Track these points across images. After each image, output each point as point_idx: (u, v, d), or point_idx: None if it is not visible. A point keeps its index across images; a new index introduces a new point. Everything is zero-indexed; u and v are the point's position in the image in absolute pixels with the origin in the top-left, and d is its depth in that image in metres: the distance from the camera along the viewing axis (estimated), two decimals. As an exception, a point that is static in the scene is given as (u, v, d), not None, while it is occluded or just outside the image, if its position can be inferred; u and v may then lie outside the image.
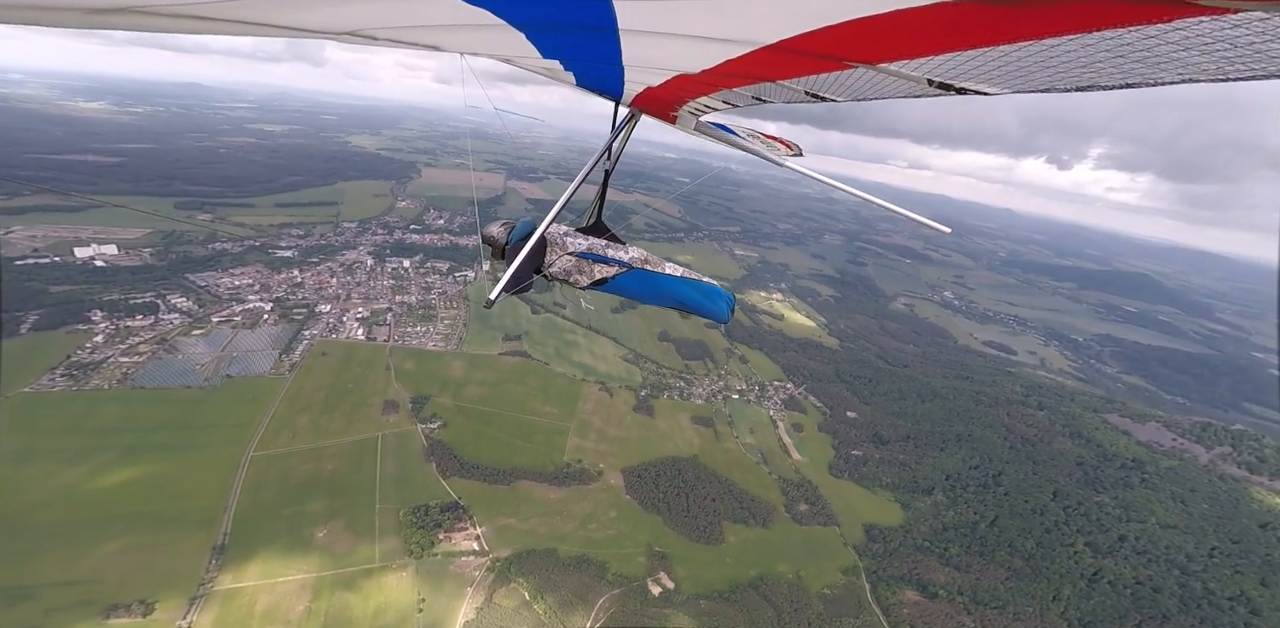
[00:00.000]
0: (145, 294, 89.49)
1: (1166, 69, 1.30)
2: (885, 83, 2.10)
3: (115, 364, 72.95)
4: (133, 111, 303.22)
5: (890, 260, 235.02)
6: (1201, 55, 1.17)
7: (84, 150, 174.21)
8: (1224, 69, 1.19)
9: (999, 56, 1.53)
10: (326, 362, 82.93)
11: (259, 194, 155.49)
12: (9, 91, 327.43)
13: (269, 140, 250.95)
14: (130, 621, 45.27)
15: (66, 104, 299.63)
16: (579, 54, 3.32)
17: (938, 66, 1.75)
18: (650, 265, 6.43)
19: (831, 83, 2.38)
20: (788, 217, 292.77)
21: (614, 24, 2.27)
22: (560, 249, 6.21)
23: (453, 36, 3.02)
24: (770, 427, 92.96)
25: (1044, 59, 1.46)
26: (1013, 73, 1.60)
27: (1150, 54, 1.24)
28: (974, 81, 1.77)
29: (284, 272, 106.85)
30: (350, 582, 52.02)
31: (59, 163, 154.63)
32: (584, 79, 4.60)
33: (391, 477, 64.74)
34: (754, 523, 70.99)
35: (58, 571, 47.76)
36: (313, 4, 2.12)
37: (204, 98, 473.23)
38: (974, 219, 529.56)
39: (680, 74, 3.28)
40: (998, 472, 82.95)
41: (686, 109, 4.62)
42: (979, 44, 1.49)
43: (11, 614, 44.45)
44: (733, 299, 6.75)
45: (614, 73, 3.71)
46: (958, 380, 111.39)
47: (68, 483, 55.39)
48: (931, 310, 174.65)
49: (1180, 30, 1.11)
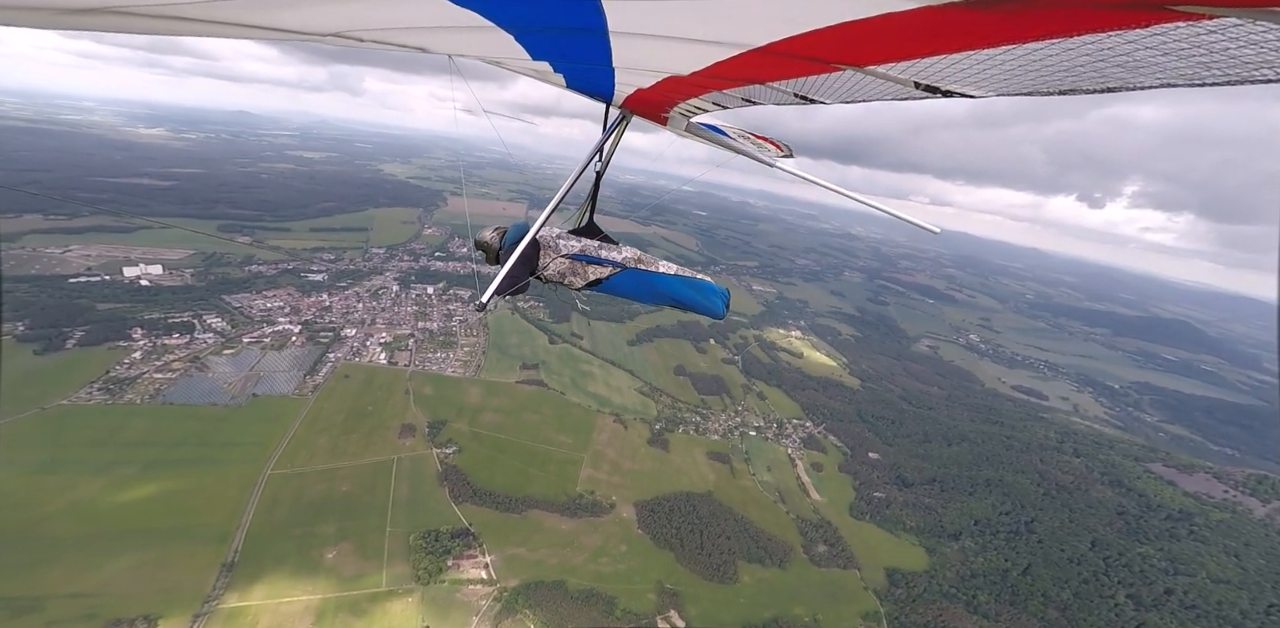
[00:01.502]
0: (183, 313, 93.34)
1: (1145, 74, 1.33)
2: (873, 85, 2.18)
3: (149, 380, 75.56)
4: (186, 138, 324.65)
5: (913, 300, 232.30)
6: (1179, 60, 1.20)
7: (140, 174, 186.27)
8: (1200, 74, 1.22)
9: (984, 60, 1.57)
10: (348, 384, 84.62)
11: (295, 218, 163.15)
12: (80, 118, 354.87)
13: (307, 167, 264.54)
14: None
15: (129, 130, 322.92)
16: (569, 56, 3.33)
17: (924, 69, 1.82)
18: (644, 264, 6.39)
19: (820, 85, 2.46)
20: (806, 252, 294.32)
21: (604, 26, 2.29)
22: (554, 252, 6.19)
23: (440, 38, 3.02)
24: (788, 465, 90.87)
25: (1027, 63, 1.49)
26: (997, 76, 1.65)
27: (1130, 59, 1.27)
28: (959, 84, 1.84)
29: (314, 295, 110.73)
30: (355, 606, 51.21)
31: (116, 186, 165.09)
32: (574, 81, 4.59)
33: (404, 500, 64.65)
34: (770, 563, 68.59)
35: (65, 583, 47.97)
36: (296, 4, 2.09)
37: (250, 125, 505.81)
38: (1000, 258, 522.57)
39: (670, 76, 3.31)
40: (1030, 519, 79.48)
41: (677, 110, 4.67)
42: (964, 47, 1.53)
43: (14, 625, 44.69)
44: (728, 295, 6.66)
45: (604, 74, 3.71)
46: (986, 425, 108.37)
47: (86, 495, 56.40)
48: (956, 353, 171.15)
49: (1158, 35, 1.13)
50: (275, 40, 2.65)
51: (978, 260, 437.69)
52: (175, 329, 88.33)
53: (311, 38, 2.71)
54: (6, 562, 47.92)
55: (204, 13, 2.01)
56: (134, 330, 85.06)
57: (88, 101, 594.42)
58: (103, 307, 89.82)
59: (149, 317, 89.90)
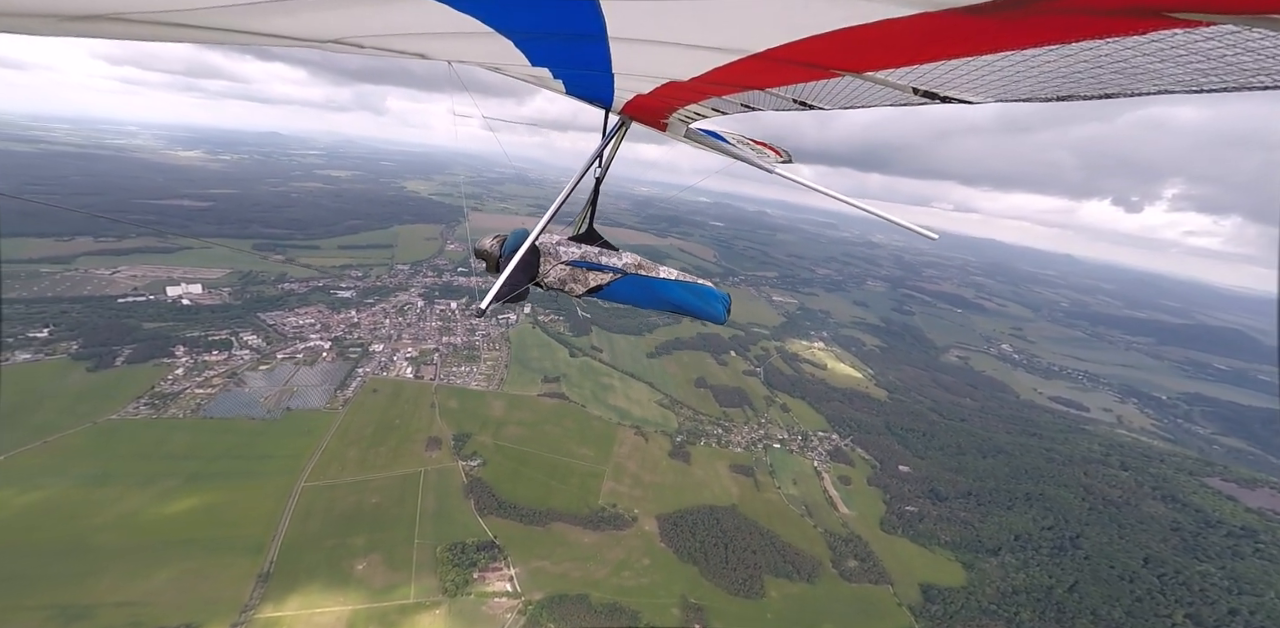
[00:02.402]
0: (221, 331, 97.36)
1: (1143, 80, 1.33)
2: (872, 91, 2.20)
3: (191, 395, 78.93)
4: (222, 159, 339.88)
5: (939, 309, 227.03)
6: (1176, 67, 1.20)
7: (180, 195, 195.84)
8: (1198, 80, 1.22)
9: (982, 66, 1.58)
10: (376, 398, 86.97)
11: (324, 236, 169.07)
12: (125, 142, 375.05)
13: (334, 185, 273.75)
14: None
15: (169, 153, 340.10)
16: (568, 61, 3.34)
17: (923, 75, 1.84)
18: (644, 270, 6.37)
19: (819, 91, 2.49)
20: (826, 261, 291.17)
21: (603, 31, 2.29)
22: (554, 259, 6.18)
23: (440, 44, 3.04)
24: (815, 478, 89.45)
25: (1025, 69, 1.50)
26: (995, 82, 1.66)
27: (1127, 65, 1.27)
28: (958, 90, 1.86)
29: (343, 312, 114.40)
30: (384, 617, 52.07)
31: (159, 207, 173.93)
32: (573, 87, 4.60)
33: (431, 512, 65.85)
34: (798, 578, 67.33)
35: (113, 592, 49.80)
36: (295, 11, 2.08)
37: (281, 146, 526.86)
38: (1030, 266, 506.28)
39: (670, 81, 3.33)
40: (1076, 534, 76.57)
41: (677, 116, 4.68)
42: (962, 53, 1.54)
43: None
44: (729, 299, 6.63)
45: (604, 80, 3.73)
46: (1024, 437, 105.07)
47: (133, 507, 58.86)
48: (988, 363, 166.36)
49: (1155, 42, 1.13)
50: (275, 47, 2.67)
51: (1007, 268, 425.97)
52: (214, 346, 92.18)
53: (311, 44, 2.74)
54: (61, 571, 50.29)
55: (203, 19, 2.05)
56: (177, 348, 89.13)
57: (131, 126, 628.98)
58: (148, 326, 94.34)
59: (190, 335, 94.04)
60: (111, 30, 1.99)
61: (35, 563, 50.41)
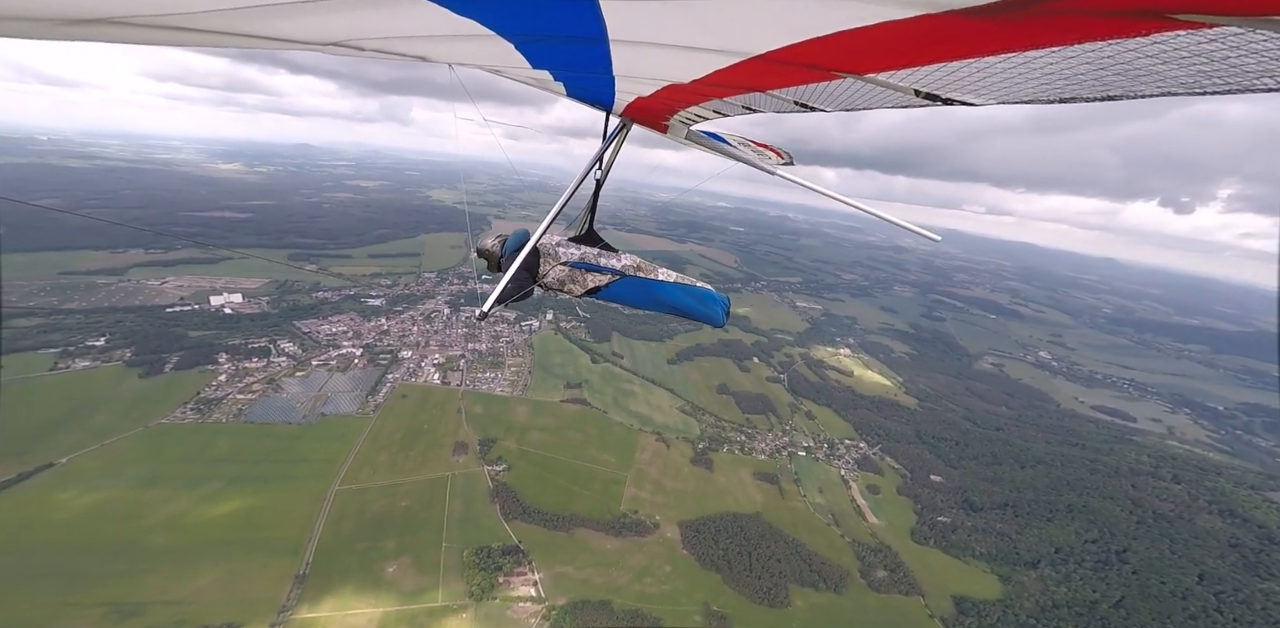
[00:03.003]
0: (260, 339, 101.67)
1: (1145, 82, 1.34)
2: (873, 93, 2.21)
3: (233, 401, 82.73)
4: (259, 171, 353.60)
5: (971, 316, 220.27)
6: (1179, 69, 1.20)
7: (221, 207, 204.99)
8: (1200, 82, 1.23)
9: (984, 68, 1.58)
10: (405, 403, 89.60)
11: (355, 245, 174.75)
12: (170, 157, 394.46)
13: (363, 196, 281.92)
14: None
15: (210, 166, 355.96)
16: (569, 64, 3.36)
17: (924, 77, 1.84)
18: (643, 272, 6.41)
19: (820, 93, 2.50)
20: (852, 266, 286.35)
21: (604, 34, 2.31)
22: (553, 260, 6.23)
23: (441, 47, 3.05)
24: (842, 487, 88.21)
25: (1027, 71, 1.49)
26: (997, 83, 1.66)
27: (1130, 67, 1.27)
28: (960, 92, 1.86)
29: (373, 320, 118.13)
30: (413, 620, 53.49)
31: (202, 219, 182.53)
32: (574, 89, 4.61)
33: (458, 516, 67.46)
34: (824, 587, 66.54)
35: (162, 591, 52.22)
36: (295, 14, 2.09)
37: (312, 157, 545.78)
38: (1068, 270, 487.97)
39: (670, 84, 3.34)
40: (1122, 548, 73.77)
41: (677, 118, 4.69)
42: (964, 55, 1.54)
43: None
44: (728, 302, 6.64)
45: (604, 83, 3.74)
46: (1065, 447, 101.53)
47: (181, 508, 61.89)
48: (1025, 371, 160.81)
49: (1158, 44, 1.13)
50: (276, 49, 2.67)
51: (1043, 272, 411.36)
52: (254, 354, 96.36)
53: (312, 47, 2.76)
54: (115, 569, 53.29)
55: (203, 23, 2.05)
56: (219, 355, 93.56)
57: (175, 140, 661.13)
58: (194, 334, 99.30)
59: (232, 342, 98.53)
60: (112, 34, 2.01)
61: (94, 561, 53.50)
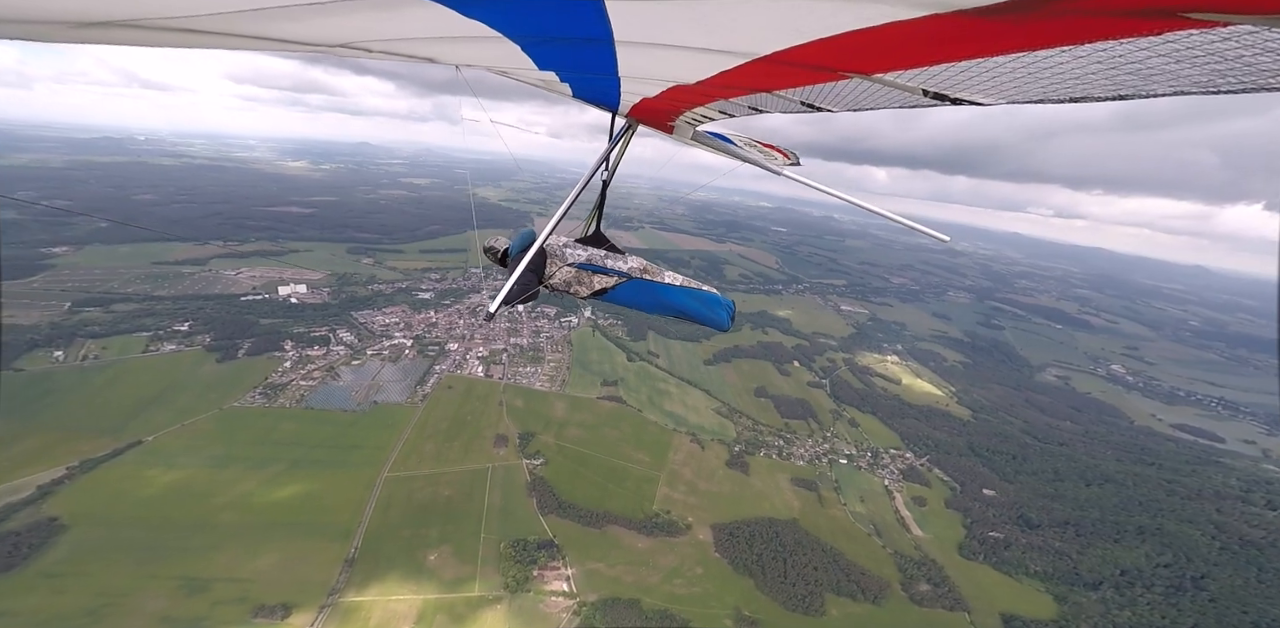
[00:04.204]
0: (321, 328, 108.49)
1: (1158, 81, 1.33)
2: (881, 93, 2.21)
3: (296, 387, 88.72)
4: (323, 169, 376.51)
5: (1034, 324, 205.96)
6: (1192, 68, 1.19)
7: (289, 203, 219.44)
8: (1214, 81, 1.22)
9: (992, 67, 1.57)
10: (451, 395, 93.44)
11: (407, 241, 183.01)
12: (246, 155, 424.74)
13: (416, 192, 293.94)
14: (269, 622, 51.71)
15: (280, 164, 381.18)
16: (575, 65, 3.37)
17: (933, 77, 1.83)
18: (649, 275, 6.40)
19: (827, 93, 2.49)
20: (902, 269, 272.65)
21: (610, 35, 2.32)
22: (560, 260, 6.21)
23: (448, 49, 3.09)
24: (885, 497, 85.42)
25: (1037, 70, 1.49)
26: (1007, 83, 1.65)
27: (1142, 66, 1.27)
28: (968, 91, 1.86)
29: (423, 312, 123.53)
30: (451, 609, 55.78)
31: (273, 214, 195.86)
32: (580, 90, 4.64)
33: (497, 508, 69.93)
34: (862, 598, 64.86)
35: (228, 568, 55.97)
36: (303, 17, 2.11)
37: (370, 155, 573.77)
38: (1148, 278, 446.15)
39: (676, 85, 3.35)
40: (1200, 574, 68.57)
41: (683, 119, 4.71)
42: (973, 55, 1.54)
43: (188, 603, 52.67)
44: (733, 306, 6.62)
45: (610, 84, 3.76)
46: (1139, 466, 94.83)
47: (248, 489, 66.71)
48: (1094, 385, 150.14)
49: (1171, 43, 1.12)
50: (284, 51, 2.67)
51: (1119, 280, 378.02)
52: (315, 342, 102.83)
53: (320, 49, 2.79)
54: (189, 545, 58.30)
55: (213, 25, 2.09)
56: (285, 343, 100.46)
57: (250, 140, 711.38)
58: (264, 322, 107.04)
59: (296, 331, 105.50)
60: (124, 37, 2.04)
61: (173, 536, 58.82)
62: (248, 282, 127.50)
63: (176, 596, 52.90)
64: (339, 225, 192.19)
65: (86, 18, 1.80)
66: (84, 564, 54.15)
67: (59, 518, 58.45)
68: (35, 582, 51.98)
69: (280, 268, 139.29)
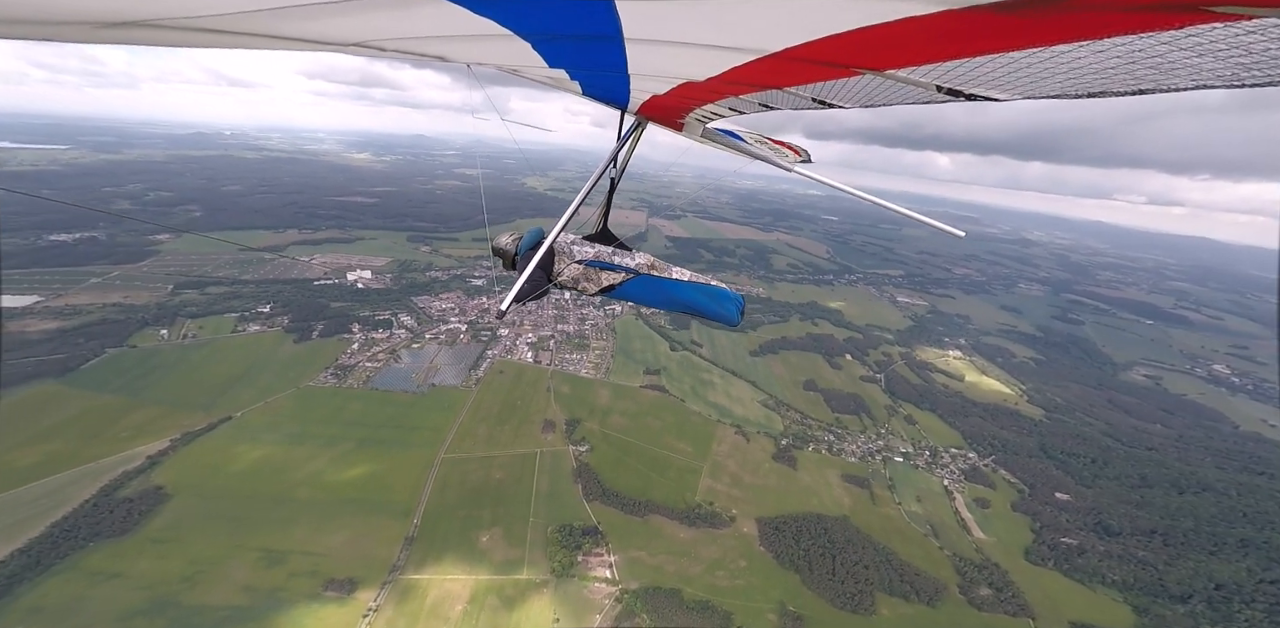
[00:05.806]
0: (385, 312, 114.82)
1: (1180, 75, 1.31)
2: (894, 89, 2.19)
3: (363, 368, 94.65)
4: (384, 160, 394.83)
5: (1120, 319, 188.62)
6: (1216, 61, 1.17)
7: (355, 193, 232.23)
8: (1239, 75, 1.20)
9: (1008, 63, 1.56)
10: (502, 379, 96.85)
11: (461, 229, 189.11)
12: (317, 148, 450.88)
13: (469, 183, 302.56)
14: (338, 596, 55.08)
15: (347, 156, 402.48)
16: (585, 63, 3.38)
17: (947, 73, 1.80)
18: (657, 271, 6.45)
19: (839, 89, 2.47)
20: (965, 260, 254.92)
21: (619, 33, 2.33)
22: (568, 258, 6.27)
23: (460, 47, 3.12)
24: (944, 497, 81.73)
25: (1055, 65, 1.47)
26: (1023, 78, 1.64)
27: (1163, 60, 1.25)
28: (984, 87, 1.83)
29: (476, 298, 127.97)
30: (500, 590, 58.15)
31: (341, 204, 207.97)
32: (590, 88, 4.66)
33: (545, 493, 72.25)
34: (916, 599, 62.84)
35: (304, 542, 59.72)
36: (317, 16, 2.15)
37: (426, 147, 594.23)
38: (1259, 270, 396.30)
39: (686, 82, 3.35)
40: None
41: (693, 116, 4.71)
42: (988, 50, 1.52)
43: (267, 575, 55.81)
44: (742, 301, 6.60)
45: (620, 81, 3.76)
46: (1244, 474, 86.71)
47: (320, 467, 71.35)
48: (1190, 386, 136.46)
49: (1194, 36, 1.10)
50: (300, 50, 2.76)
51: (1223, 272, 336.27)
52: (380, 326, 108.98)
53: (334, 48, 2.83)
54: (270, 517, 63.27)
55: (230, 25, 2.13)
56: (353, 325, 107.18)
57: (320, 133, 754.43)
58: (334, 305, 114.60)
59: (362, 314, 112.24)
60: (144, 37, 2.10)
61: (257, 509, 64.30)
62: (320, 267, 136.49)
63: (257, 566, 57.45)
64: (399, 214, 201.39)
65: (109, 18, 1.85)
66: (183, 531, 60.16)
67: (164, 487, 65.31)
68: (144, 547, 58.08)
69: (348, 254, 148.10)
